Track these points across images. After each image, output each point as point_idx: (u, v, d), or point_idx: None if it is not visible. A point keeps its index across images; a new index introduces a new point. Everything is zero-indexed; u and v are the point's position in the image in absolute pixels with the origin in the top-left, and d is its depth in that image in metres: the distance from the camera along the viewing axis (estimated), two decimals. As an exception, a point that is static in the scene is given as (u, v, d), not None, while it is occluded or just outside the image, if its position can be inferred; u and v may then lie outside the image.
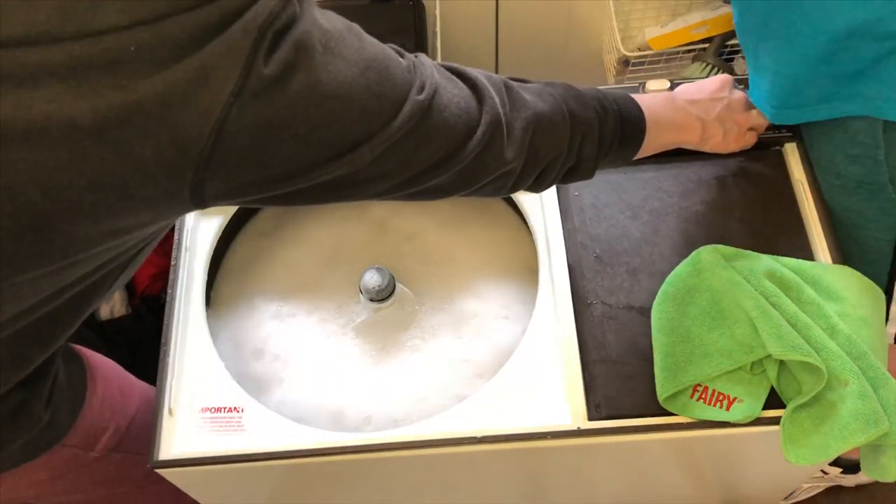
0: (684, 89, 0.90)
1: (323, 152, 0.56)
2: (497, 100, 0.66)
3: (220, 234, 1.00)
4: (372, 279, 0.92)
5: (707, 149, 0.92)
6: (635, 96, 0.81)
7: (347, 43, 0.56)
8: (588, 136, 0.73)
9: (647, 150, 0.82)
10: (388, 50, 0.60)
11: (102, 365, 0.87)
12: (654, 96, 0.84)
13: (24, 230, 0.49)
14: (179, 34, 0.47)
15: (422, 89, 0.60)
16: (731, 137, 0.93)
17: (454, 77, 0.65)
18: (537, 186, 0.75)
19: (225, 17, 0.48)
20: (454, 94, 0.63)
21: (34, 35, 0.44)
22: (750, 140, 0.97)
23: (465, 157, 0.64)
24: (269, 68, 0.50)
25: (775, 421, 0.82)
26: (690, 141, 0.88)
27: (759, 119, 0.95)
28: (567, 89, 0.74)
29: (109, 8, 0.45)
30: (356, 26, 0.58)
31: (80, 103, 0.45)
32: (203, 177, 0.52)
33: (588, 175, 0.78)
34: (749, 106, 0.94)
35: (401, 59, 0.61)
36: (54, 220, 0.49)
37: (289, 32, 0.51)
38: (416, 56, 0.63)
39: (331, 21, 0.56)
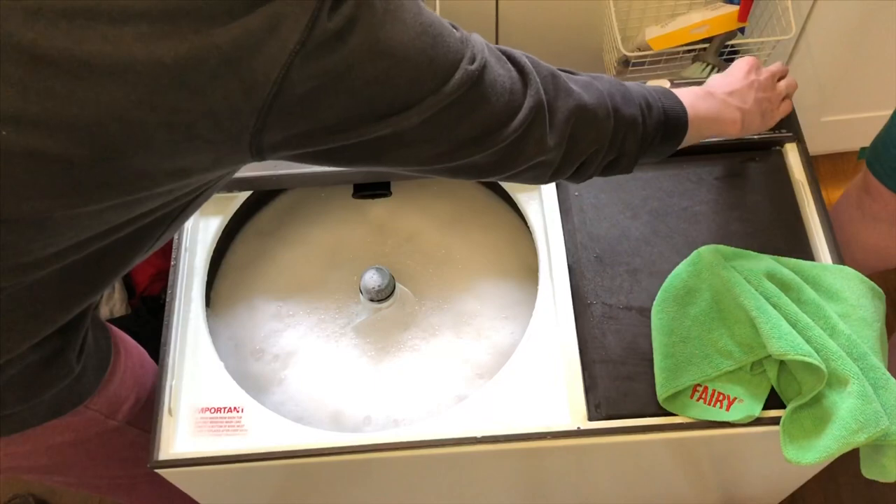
0: (718, 81, 0.89)
1: (374, 109, 0.58)
2: (542, 86, 0.68)
3: (220, 234, 1.00)
4: (372, 279, 0.92)
5: (748, 134, 0.92)
6: (676, 91, 0.81)
7: (406, 7, 0.58)
8: (631, 133, 0.75)
9: (686, 143, 0.83)
10: (443, 20, 0.63)
11: (125, 338, 0.89)
12: (693, 90, 0.84)
13: (97, 161, 0.53)
14: None
15: (472, 61, 0.62)
16: (770, 117, 0.93)
17: (503, 57, 0.67)
18: (577, 177, 0.77)
19: None
20: (501, 73, 0.65)
21: None
22: (786, 108, 0.96)
23: (506, 136, 0.66)
24: (332, 22, 0.52)
25: (775, 421, 0.82)
26: (731, 133, 0.88)
27: (790, 88, 0.95)
28: (614, 84, 0.75)
29: None
30: None
31: (164, 44, 0.49)
32: (264, 123, 0.55)
33: (628, 170, 0.79)
34: (777, 78, 0.94)
35: (454, 30, 0.63)
36: (125, 155, 0.53)
37: None
38: (470, 33, 0.66)
39: None
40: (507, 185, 1.00)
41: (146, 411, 0.88)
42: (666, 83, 1.02)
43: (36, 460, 0.83)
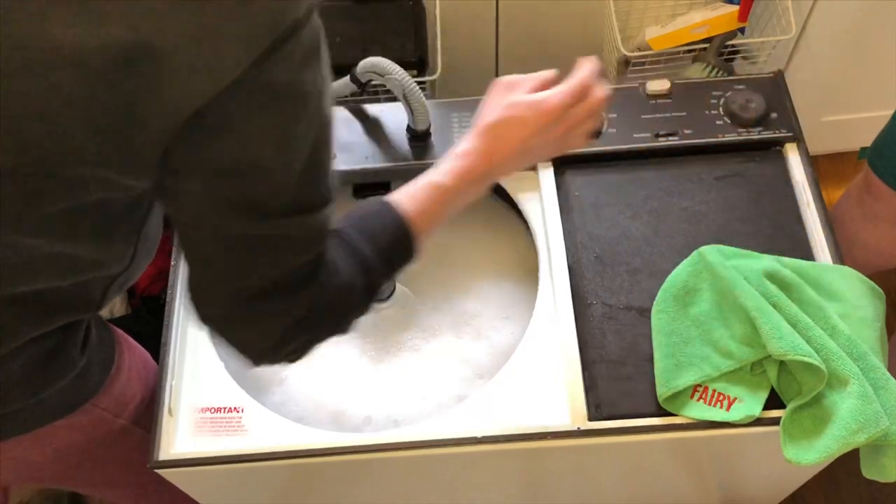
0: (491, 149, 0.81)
1: (234, 191, 0.55)
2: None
3: (220, 234, 1.00)
4: (372, 279, 0.92)
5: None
6: (405, 200, 0.76)
7: (322, 132, 0.57)
8: (374, 281, 0.73)
9: (441, 225, 0.79)
10: (333, 169, 0.62)
11: (127, 338, 0.89)
12: (429, 191, 0.78)
13: (28, 167, 0.50)
14: None
15: (329, 214, 0.62)
16: (565, 145, 0.82)
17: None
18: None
19: None
20: (335, 241, 0.66)
21: None
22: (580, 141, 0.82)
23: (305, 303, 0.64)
24: (275, 75, 0.50)
25: (775, 421, 0.82)
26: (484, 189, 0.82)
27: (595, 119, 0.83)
28: (355, 255, 0.71)
29: None
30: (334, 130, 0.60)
31: (91, 39, 0.45)
32: (175, 146, 0.52)
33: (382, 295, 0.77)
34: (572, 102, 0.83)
35: (332, 179, 0.62)
36: (52, 161, 0.50)
37: (304, 59, 0.52)
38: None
39: (329, 108, 0.57)
40: (508, 185, 1.00)
41: (150, 412, 0.88)
42: (666, 83, 1.03)
43: (43, 465, 0.82)
